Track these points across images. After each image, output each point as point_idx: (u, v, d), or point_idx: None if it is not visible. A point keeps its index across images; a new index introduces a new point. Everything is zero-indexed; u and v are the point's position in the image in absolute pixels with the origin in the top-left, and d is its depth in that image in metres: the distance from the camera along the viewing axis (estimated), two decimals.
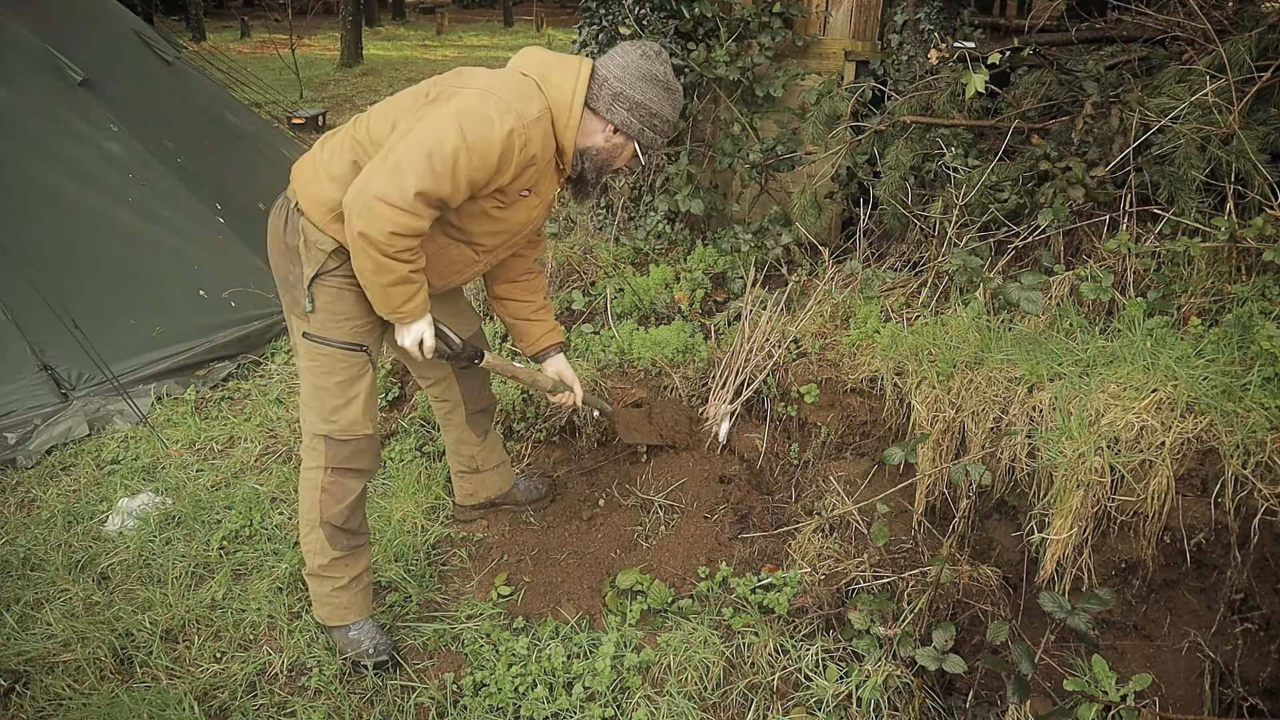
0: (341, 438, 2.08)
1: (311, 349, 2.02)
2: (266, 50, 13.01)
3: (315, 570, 2.18)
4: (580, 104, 1.90)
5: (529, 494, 2.81)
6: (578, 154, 1.99)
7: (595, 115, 1.96)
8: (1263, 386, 2.03)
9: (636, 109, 1.94)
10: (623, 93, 1.93)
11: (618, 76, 1.93)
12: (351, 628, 2.23)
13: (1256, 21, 2.76)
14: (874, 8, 3.85)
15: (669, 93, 1.97)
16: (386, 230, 1.74)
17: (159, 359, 3.55)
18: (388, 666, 2.21)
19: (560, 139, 1.93)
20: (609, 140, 1.98)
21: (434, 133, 1.74)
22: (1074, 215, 2.84)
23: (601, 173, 2.05)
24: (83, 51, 3.85)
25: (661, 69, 1.95)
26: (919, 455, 2.42)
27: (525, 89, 1.86)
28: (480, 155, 1.77)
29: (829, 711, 2.01)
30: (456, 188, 1.78)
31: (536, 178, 1.95)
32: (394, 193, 1.72)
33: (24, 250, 3.40)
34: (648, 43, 1.98)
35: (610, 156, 2.02)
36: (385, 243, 1.76)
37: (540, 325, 2.39)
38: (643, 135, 1.98)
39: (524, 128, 1.81)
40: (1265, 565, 2.04)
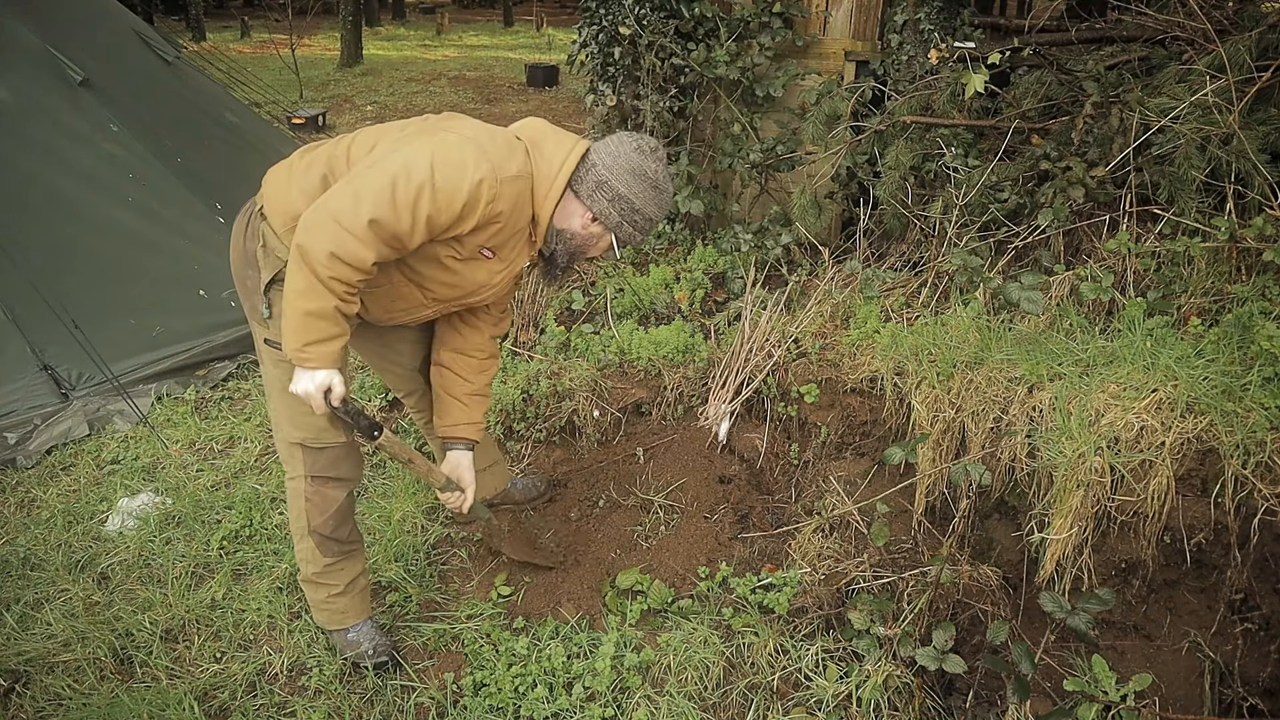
0: (316, 445, 2.01)
1: (274, 355, 1.94)
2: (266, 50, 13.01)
3: (309, 577, 2.17)
4: (565, 179, 1.85)
5: (527, 492, 2.77)
6: (553, 231, 1.94)
7: (577, 198, 1.90)
8: (1263, 386, 2.04)
9: (618, 201, 1.88)
10: (607, 182, 1.87)
11: (606, 165, 1.87)
12: (350, 630, 2.22)
13: (1256, 21, 2.77)
14: (874, 8, 3.85)
15: (656, 191, 1.90)
16: (327, 249, 1.64)
17: (159, 359, 3.55)
18: (388, 667, 2.21)
19: (537, 209, 1.87)
20: (586, 228, 1.93)
21: (404, 165, 1.68)
22: (1074, 215, 2.84)
23: (573, 258, 2.00)
24: (83, 51, 3.85)
25: (653, 166, 1.89)
26: (919, 455, 2.42)
27: (511, 148, 1.81)
28: (445, 197, 1.69)
29: (829, 711, 2.01)
30: (415, 226, 1.70)
31: (502, 240, 1.86)
32: (348, 214, 1.64)
33: (24, 250, 3.39)
34: (645, 138, 1.93)
35: (584, 244, 1.96)
36: (323, 262, 1.64)
37: (464, 411, 2.18)
38: (620, 229, 1.92)
39: (496, 182, 1.73)
40: (1265, 565, 2.04)
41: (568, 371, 3.09)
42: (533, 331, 3.53)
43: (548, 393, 3.02)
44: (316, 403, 1.78)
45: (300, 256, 1.66)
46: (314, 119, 8.40)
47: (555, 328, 3.41)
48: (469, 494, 2.21)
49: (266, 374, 2.02)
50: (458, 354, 2.17)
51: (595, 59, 4.20)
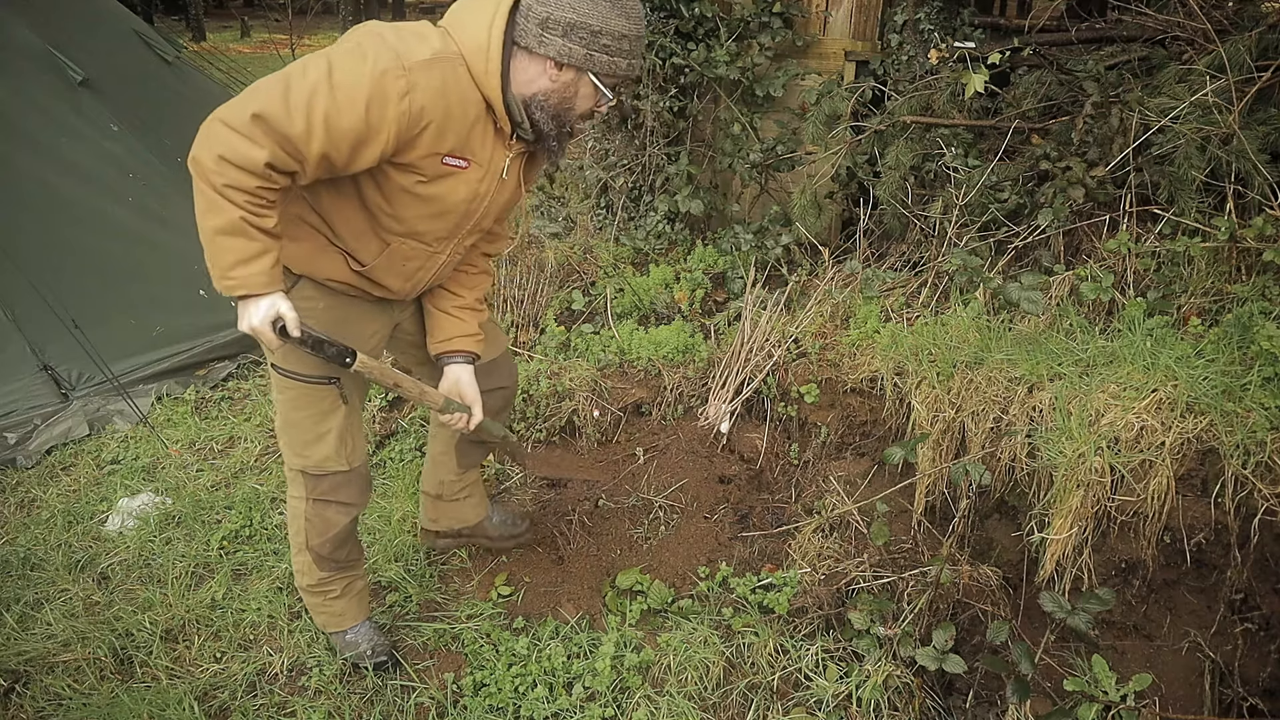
0: (317, 473, 1.96)
1: (280, 381, 1.87)
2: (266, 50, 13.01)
3: (305, 587, 2.16)
4: (498, 42, 1.57)
5: (503, 528, 2.49)
6: (520, 106, 1.65)
7: (529, 54, 1.60)
8: (1263, 386, 2.04)
9: (574, 31, 1.57)
10: (551, 16, 1.56)
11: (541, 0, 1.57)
12: (349, 631, 2.22)
13: (1256, 21, 2.77)
14: (874, 8, 3.85)
15: (612, 2, 1.58)
16: (215, 152, 1.46)
17: (159, 359, 3.55)
18: (387, 666, 2.21)
19: (483, 88, 1.60)
20: (555, 80, 1.62)
21: (299, 65, 1.50)
22: (1074, 215, 2.85)
23: (561, 121, 1.69)
24: (83, 51, 3.84)
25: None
26: (919, 455, 2.42)
27: (419, 32, 1.57)
28: (345, 95, 1.48)
29: (829, 711, 2.01)
30: (310, 129, 1.48)
31: (459, 141, 1.62)
32: (235, 114, 1.46)
33: (24, 250, 3.39)
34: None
35: (564, 99, 1.65)
36: (213, 169, 1.47)
37: (457, 323, 1.98)
38: (592, 61, 1.60)
39: (404, 70, 1.49)
40: (1265, 565, 2.04)
41: (568, 371, 3.09)
42: (533, 331, 3.53)
43: (548, 393, 3.02)
44: (268, 338, 1.62)
45: (193, 169, 1.49)
46: None
47: (555, 328, 3.41)
48: (475, 410, 2.01)
49: (274, 399, 1.96)
50: None
51: None
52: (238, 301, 1.60)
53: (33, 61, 3.67)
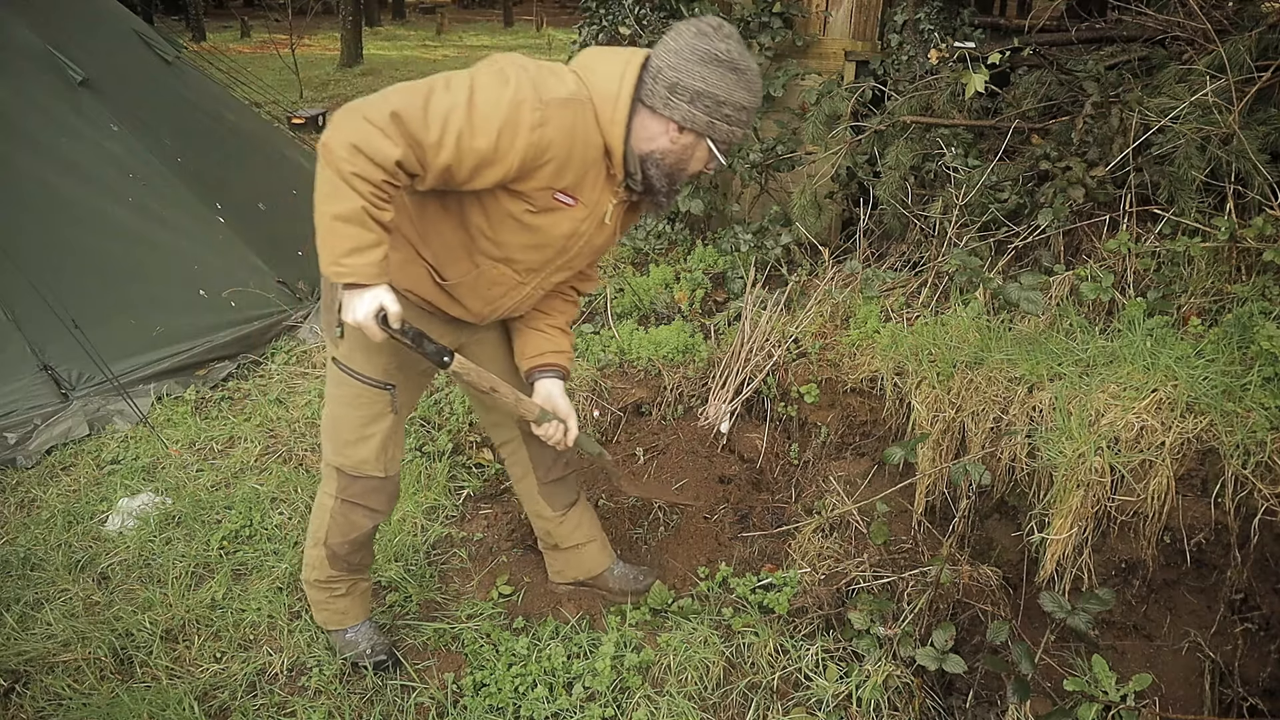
0: (353, 473, 1.98)
1: (338, 376, 1.91)
2: (266, 50, 13.00)
3: (312, 581, 2.17)
4: (628, 96, 1.63)
5: (624, 583, 2.40)
6: (637, 159, 1.72)
7: (653, 114, 1.67)
8: (1263, 386, 2.04)
9: (700, 99, 1.62)
10: (680, 82, 1.62)
11: (672, 65, 1.62)
12: (349, 630, 2.22)
13: (1256, 21, 2.77)
14: (874, 8, 3.85)
15: (738, 74, 1.63)
16: (348, 140, 1.51)
17: (159, 359, 3.55)
18: (387, 666, 2.21)
19: (606, 135, 1.66)
20: (675, 141, 1.69)
21: (444, 78, 1.56)
22: (1074, 215, 2.84)
23: (673, 179, 1.76)
24: (83, 51, 3.84)
25: (723, 46, 1.62)
26: (919, 455, 2.42)
27: (558, 71, 1.64)
28: (481, 116, 1.54)
29: (829, 711, 2.01)
30: (443, 140, 1.53)
31: (574, 179, 1.68)
32: (374, 107, 1.53)
33: (24, 250, 3.39)
34: (705, 18, 1.66)
35: (680, 160, 1.72)
36: (344, 156, 1.52)
37: (548, 339, 2.02)
38: (713, 129, 1.67)
39: (540, 103, 1.55)
40: (1265, 565, 2.04)
41: None
42: None
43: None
44: (372, 331, 1.66)
45: (323, 155, 1.54)
46: (314, 119, 8.40)
47: None
48: (570, 423, 2.02)
49: (326, 390, 1.98)
50: None
51: None
52: (344, 289, 1.65)
53: (33, 61, 3.67)
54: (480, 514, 2.83)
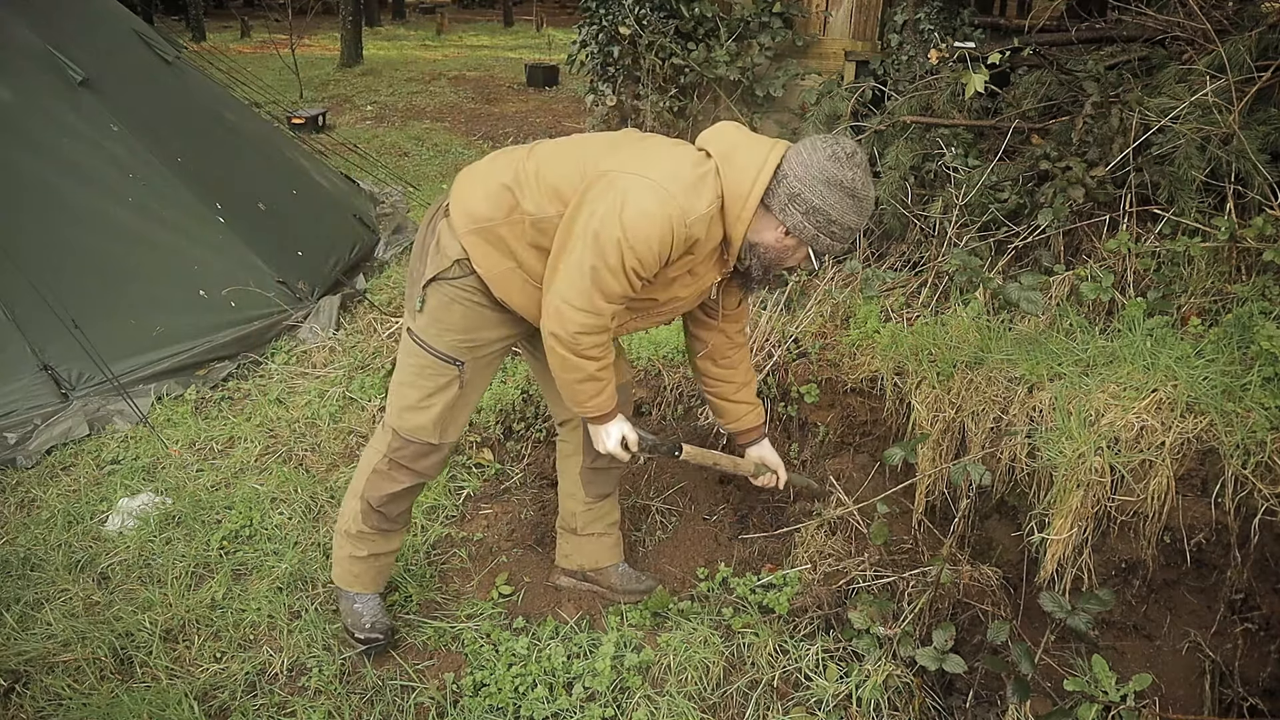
0: (406, 437, 2.08)
1: (410, 345, 2.03)
2: (266, 50, 13.00)
3: (341, 530, 2.22)
4: (758, 197, 1.79)
5: (625, 581, 2.46)
6: (746, 246, 1.88)
7: (768, 212, 1.82)
8: (1263, 386, 2.03)
9: (813, 214, 1.78)
10: (801, 195, 1.77)
11: (799, 176, 1.77)
12: (358, 598, 2.25)
13: (1256, 21, 2.77)
14: (874, 8, 3.86)
15: (855, 201, 1.79)
16: (573, 331, 1.81)
17: (159, 359, 3.55)
18: (380, 646, 2.22)
19: (729, 230, 1.83)
20: (780, 241, 1.85)
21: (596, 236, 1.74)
22: (1074, 215, 2.84)
23: (769, 270, 1.94)
24: (83, 51, 3.84)
25: (850, 174, 1.77)
26: (919, 455, 2.42)
27: (699, 176, 1.78)
28: (641, 251, 1.74)
29: (829, 711, 2.01)
30: (628, 282, 1.78)
31: (694, 264, 1.89)
32: (578, 297, 1.78)
33: (24, 250, 3.39)
34: (842, 141, 1.80)
35: (779, 256, 1.89)
36: (572, 342, 1.82)
37: (740, 407, 2.28)
38: (816, 241, 1.82)
39: (686, 224, 1.75)
40: (1265, 565, 2.04)
41: None
42: None
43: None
44: (622, 456, 2.03)
45: (555, 344, 1.84)
46: (314, 119, 8.40)
47: None
48: (781, 472, 2.36)
49: (399, 359, 2.10)
50: (711, 363, 2.24)
51: (595, 59, 4.21)
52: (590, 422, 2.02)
53: (33, 61, 3.67)
54: (480, 514, 2.83)
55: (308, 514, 2.80)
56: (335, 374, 3.61)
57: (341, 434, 3.24)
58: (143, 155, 3.79)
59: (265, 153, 4.87)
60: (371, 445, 2.17)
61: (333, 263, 4.43)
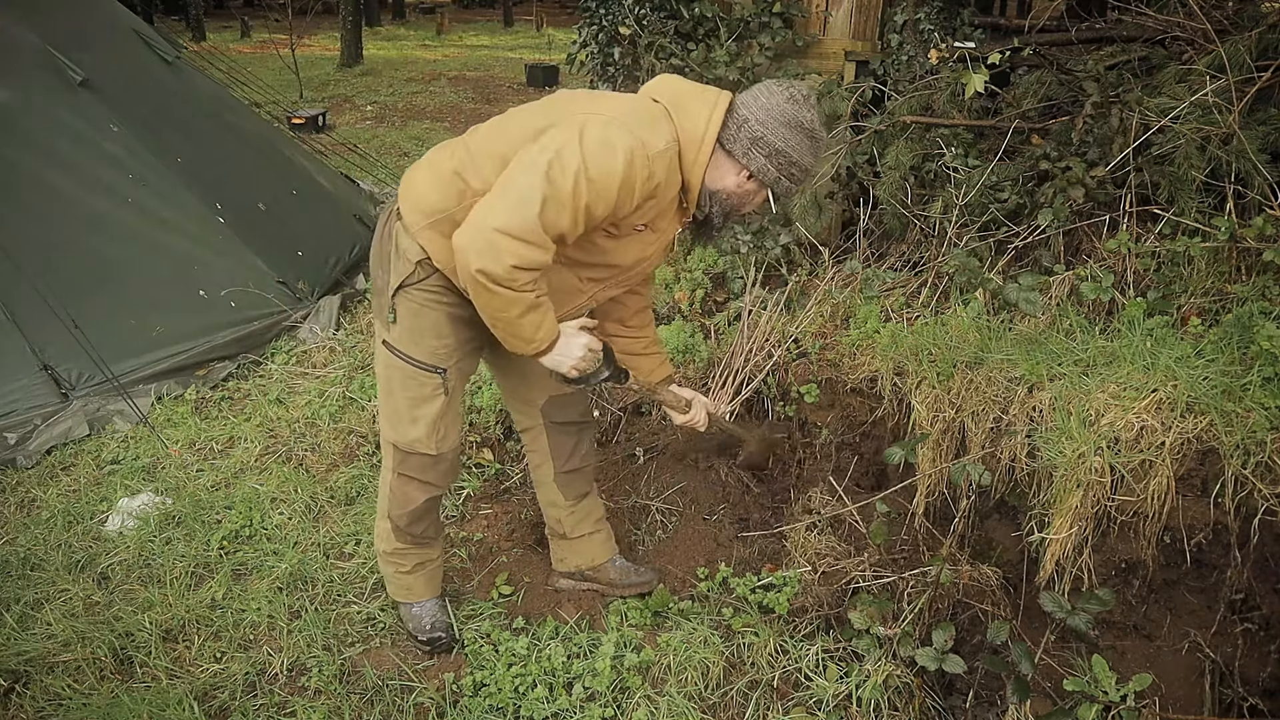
0: (406, 450, 2.06)
1: (388, 358, 1.98)
2: (266, 50, 13.00)
3: (381, 552, 2.24)
4: (712, 139, 1.77)
5: (624, 576, 2.46)
6: (705, 194, 1.86)
7: (730, 157, 1.82)
8: (1263, 386, 2.03)
9: (776, 155, 1.79)
10: (763, 137, 1.78)
11: (759, 119, 1.78)
12: (414, 605, 2.28)
13: (1256, 21, 2.76)
14: (874, 8, 3.85)
15: (813, 141, 1.81)
16: (508, 264, 1.65)
17: (159, 359, 3.55)
18: (444, 645, 2.25)
19: (686, 175, 1.80)
20: (741, 186, 1.85)
21: (555, 160, 1.66)
22: (1074, 215, 2.84)
23: (729, 217, 1.93)
24: (83, 51, 3.84)
25: (809, 115, 1.79)
26: (919, 455, 2.42)
27: (653, 115, 1.75)
28: (602, 186, 1.67)
29: (829, 711, 2.01)
30: (576, 219, 1.69)
31: (656, 213, 1.83)
32: (515, 224, 1.64)
33: (24, 250, 3.39)
34: (796, 84, 1.81)
35: (740, 201, 1.89)
36: (507, 277, 1.67)
37: (652, 359, 2.30)
38: (778, 183, 1.84)
39: (647, 159, 1.70)
40: (1265, 565, 2.04)
41: None
42: None
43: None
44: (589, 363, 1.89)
45: (485, 279, 1.67)
46: (314, 119, 8.41)
47: None
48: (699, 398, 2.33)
49: (378, 374, 2.07)
50: (620, 324, 2.23)
51: (595, 59, 4.20)
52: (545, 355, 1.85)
53: (33, 61, 3.67)
54: (480, 514, 2.83)
55: (308, 514, 2.80)
56: (335, 374, 3.61)
57: (341, 434, 3.23)
58: (143, 155, 3.79)
59: (265, 153, 4.87)
60: (383, 466, 2.16)
61: (333, 263, 4.43)
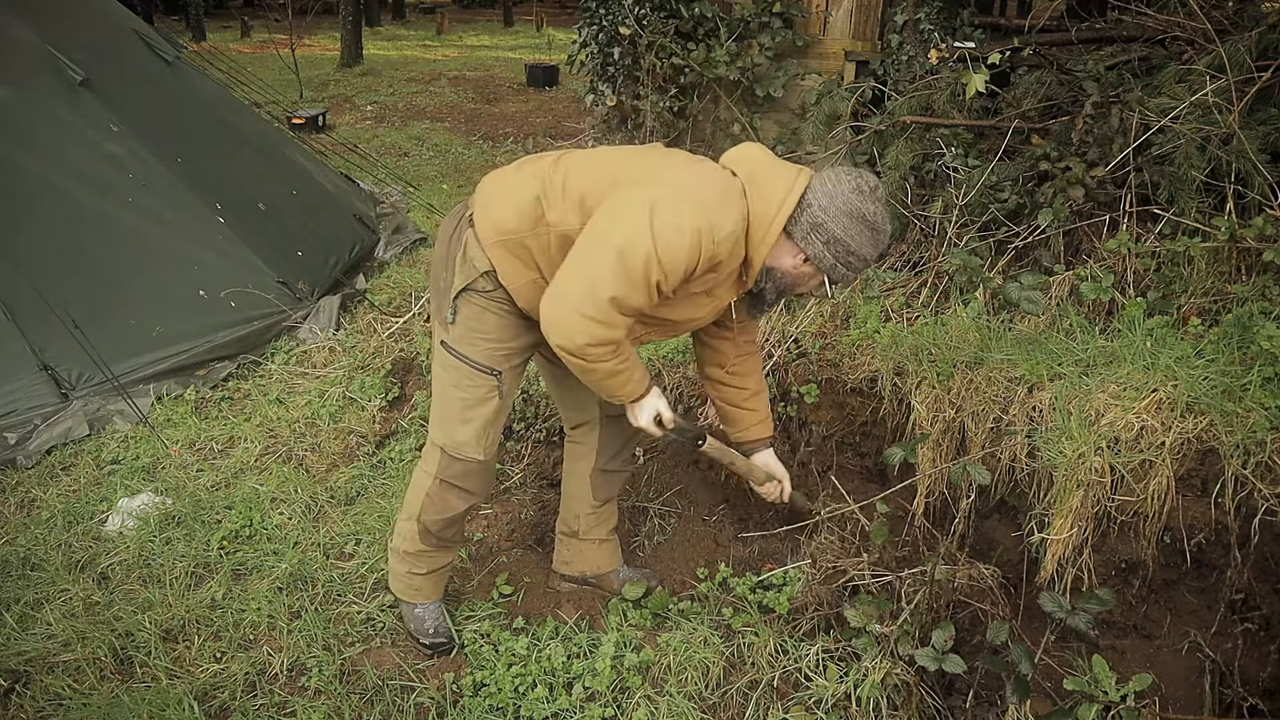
0: (455, 454, 2.07)
1: (445, 358, 2.01)
2: (266, 50, 13.00)
3: (399, 550, 2.23)
4: (783, 222, 1.80)
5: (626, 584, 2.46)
6: (763, 270, 1.88)
7: (789, 239, 1.84)
8: (1263, 386, 2.04)
9: (834, 244, 1.81)
10: (824, 224, 1.79)
11: (822, 206, 1.79)
12: (418, 606, 2.28)
13: (1256, 21, 2.76)
14: (874, 8, 3.86)
15: (874, 233, 1.82)
16: (582, 344, 1.74)
17: (159, 359, 3.55)
18: (444, 649, 2.25)
19: (751, 252, 1.84)
20: (797, 268, 1.87)
21: (628, 246, 1.70)
22: (1074, 215, 2.84)
23: (782, 295, 1.96)
24: (83, 51, 3.84)
25: (873, 209, 1.80)
26: (919, 455, 2.42)
27: (728, 198, 1.78)
28: (670, 264, 1.71)
29: (829, 711, 2.01)
30: (648, 295, 1.75)
31: (714, 283, 1.88)
32: (588, 308, 1.72)
33: (24, 250, 3.39)
34: (865, 176, 1.84)
35: (795, 282, 1.90)
36: (582, 353, 1.76)
37: (751, 415, 2.27)
38: (834, 271, 1.85)
39: (714, 242, 1.74)
40: (1265, 565, 2.04)
41: None
42: None
43: (547, 393, 3.02)
44: (654, 432, 1.97)
45: (566, 355, 1.78)
46: (314, 119, 8.40)
47: None
48: (786, 483, 2.35)
49: (434, 372, 2.09)
50: (721, 369, 2.23)
51: (595, 59, 4.21)
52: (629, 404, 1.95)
53: (33, 61, 3.67)
54: (480, 514, 2.83)
55: (308, 514, 2.80)
56: (335, 374, 3.61)
57: (341, 434, 3.24)
58: (143, 155, 3.79)
59: (265, 153, 4.86)
60: (420, 468, 2.15)
61: (333, 263, 4.43)
